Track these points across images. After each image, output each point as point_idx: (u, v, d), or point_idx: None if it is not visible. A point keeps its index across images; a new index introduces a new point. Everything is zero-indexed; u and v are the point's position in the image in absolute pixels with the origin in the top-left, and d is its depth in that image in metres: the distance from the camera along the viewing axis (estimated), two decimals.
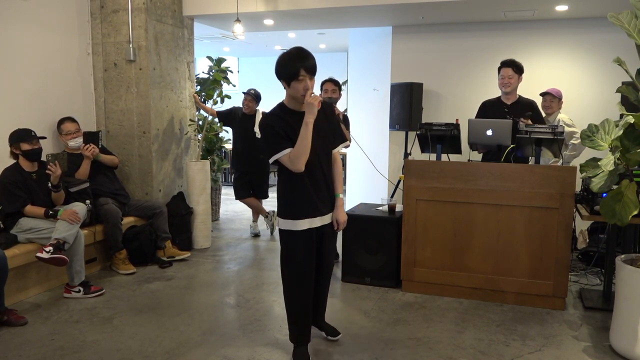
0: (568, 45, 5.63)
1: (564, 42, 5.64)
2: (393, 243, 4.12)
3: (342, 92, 4.72)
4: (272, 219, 5.94)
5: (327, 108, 2.95)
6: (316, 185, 2.84)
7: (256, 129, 4.62)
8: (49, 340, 3.20)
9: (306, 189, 2.81)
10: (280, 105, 2.85)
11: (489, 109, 4.45)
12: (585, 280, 4.34)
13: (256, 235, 5.94)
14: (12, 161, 3.93)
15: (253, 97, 5.55)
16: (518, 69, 4.34)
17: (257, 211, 5.91)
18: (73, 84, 4.96)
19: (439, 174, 3.91)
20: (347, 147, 5.01)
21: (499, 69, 4.40)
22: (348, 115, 5.06)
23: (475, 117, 4.44)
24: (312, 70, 2.69)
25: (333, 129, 2.97)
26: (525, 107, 4.35)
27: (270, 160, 2.79)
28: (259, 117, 5.47)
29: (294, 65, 2.65)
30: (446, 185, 3.89)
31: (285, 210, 2.86)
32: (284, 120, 2.76)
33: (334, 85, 4.56)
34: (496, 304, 3.84)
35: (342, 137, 3.04)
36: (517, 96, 4.44)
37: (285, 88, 2.76)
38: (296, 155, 2.70)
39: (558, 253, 3.68)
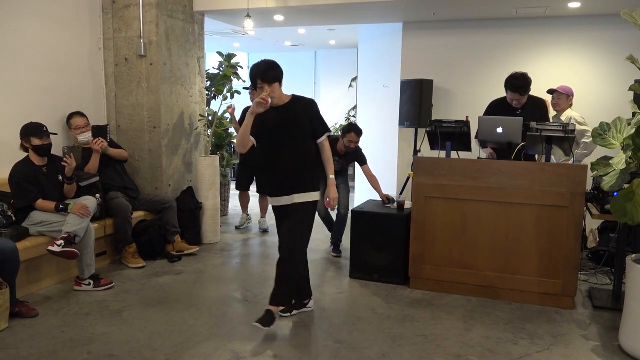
0: (580, 42, 5.58)
1: (576, 40, 5.59)
2: (401, 240, 4.12)
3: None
4: None
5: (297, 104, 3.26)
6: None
7: None
8: (59, 332, 3.24)
9: None
10: None
11: (500, 110, 4.33)
12: (595, 279, 4.31)
13: (264, 231, 5.96)
14: (23, 154, 3.96)
15: None
16: (527, 89, 4.18)
17: (266, 209, 5.94)
18: (84, 78, 5.00)
19: (448, 171, 3.89)
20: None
21: (507, 89, 4.23)
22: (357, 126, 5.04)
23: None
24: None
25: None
26: (536, 107, 4.30)
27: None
28: None
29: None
30: (455, 182, 3.88)
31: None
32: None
33: (357, 137, 4.81)
34: (505, 302, 3.83)
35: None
36: (527, 97, 4.35)
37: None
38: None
39: (568, 252, 3.66)
